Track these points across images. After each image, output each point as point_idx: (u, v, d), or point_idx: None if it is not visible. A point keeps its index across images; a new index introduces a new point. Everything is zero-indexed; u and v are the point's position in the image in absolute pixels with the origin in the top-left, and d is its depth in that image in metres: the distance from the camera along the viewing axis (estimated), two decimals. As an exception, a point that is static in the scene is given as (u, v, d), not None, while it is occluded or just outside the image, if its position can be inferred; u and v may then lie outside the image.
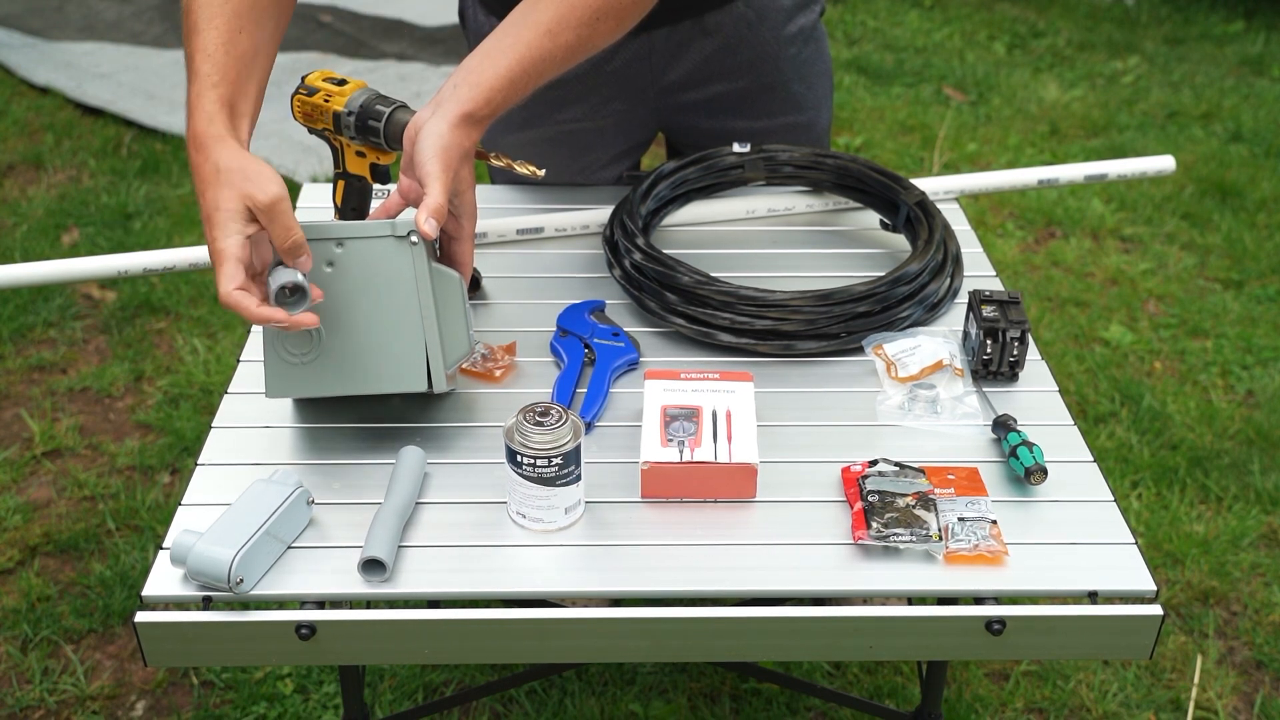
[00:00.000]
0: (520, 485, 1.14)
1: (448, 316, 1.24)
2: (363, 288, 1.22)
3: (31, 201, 3.25)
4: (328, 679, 1.97)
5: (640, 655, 1.12)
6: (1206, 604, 2.13)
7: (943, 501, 1.18)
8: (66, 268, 1.54)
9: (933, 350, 1.37)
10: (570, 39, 1.26)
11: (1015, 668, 2.01)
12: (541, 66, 1.25)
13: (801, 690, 1.89)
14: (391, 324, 1.22)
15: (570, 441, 1.12)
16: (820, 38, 1.68)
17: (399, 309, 1.22)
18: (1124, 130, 3.78)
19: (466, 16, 1.68)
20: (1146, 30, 4.57)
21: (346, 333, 1.23)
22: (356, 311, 1.22)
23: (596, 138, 1.68)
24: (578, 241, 1.61)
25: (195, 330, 2.74)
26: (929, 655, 1.20)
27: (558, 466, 1.12)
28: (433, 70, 3.95)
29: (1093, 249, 3.15)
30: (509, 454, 1.13)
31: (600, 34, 1.29)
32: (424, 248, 1.21)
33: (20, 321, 2.75)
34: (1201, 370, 2.70)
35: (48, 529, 2.22)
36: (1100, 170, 1.74)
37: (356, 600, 1.12)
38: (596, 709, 1.92)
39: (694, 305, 1.39)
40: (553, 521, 1.15)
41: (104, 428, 2.48)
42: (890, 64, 4.22)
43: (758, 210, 1.66)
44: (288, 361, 1.25)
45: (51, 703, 1.94)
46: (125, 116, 3.65)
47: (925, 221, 1.51)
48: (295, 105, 1.38)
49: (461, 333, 1.25)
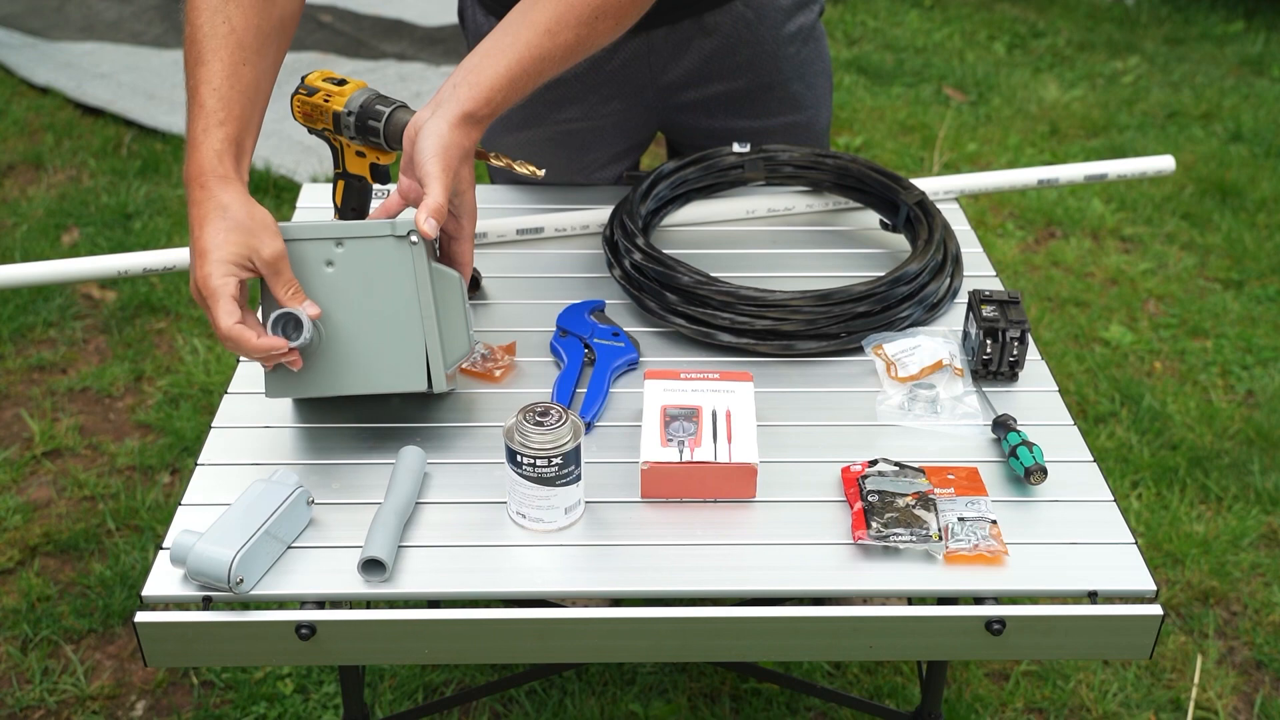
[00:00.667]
0: (520, 485, 1.14)
1: (447, 316, 1.24)
2: (362, 287, 1.22)
3: (31, 201, 3.25)
4: (328, 679, 1.97)
5: (640, 655, 1.12)
6: (1206, 604, 2.13)
7: (943, 501, 1.18)
8: (66, 268, 1.54)
9: (933, 350, 1.37)
10: (569, 38, 1.26)
11: (1015, 668, 2.01)
12: (541, 66, 1.25)
13: (801, 690, 1.89)
14: (391, 323, 1.22)
15: (570, 441, 1.12)
16: (819, 37, 1.68)
17: (398, 309, 1.22)
18: (1124, 130, 3.78)
19: (466, 16, 1.68)
20: (1146, 30, 4.57)
21: (346, 332, 1.23)
22: (356, 311, 1.22)
23: (596, 137, 1.68)
24: (578, 241, 1.61)
25: (195, 330, 2.74)
26: (929, 655, 1.20)
27: (558, 466, 1.12)
28: (433, 70, 3.95)
29: (1093, 249, 3.15)
30: (509, 454, 1.13)
31: (599, 33, 1.29)
32: (424, 247, 1.21)
33: (20, 321, 2.75)
34: (1201, 370, 2.70)
35: (48, 529, 2.22)
36: (1100, 170, 1.74)
37: (356, 600, 1.12)
38: (596, 709, 1.92)
39: (694, 305, 1.39)
40: (553, 521, 1.15)
41: (104, 428, 2.48)
42: (890, 64, 4.22)
43: (758, 210, 1.66)
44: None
45: (51, 703, 1.94)
46: (125, 116, 3.65)
47: (925, 221, 1.51)
48: (295, 105, 1.37)
49: (461, 333, 1.25)
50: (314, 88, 1.36)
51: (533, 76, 1.25)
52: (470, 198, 1.25)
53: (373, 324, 1.22)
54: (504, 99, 1.24)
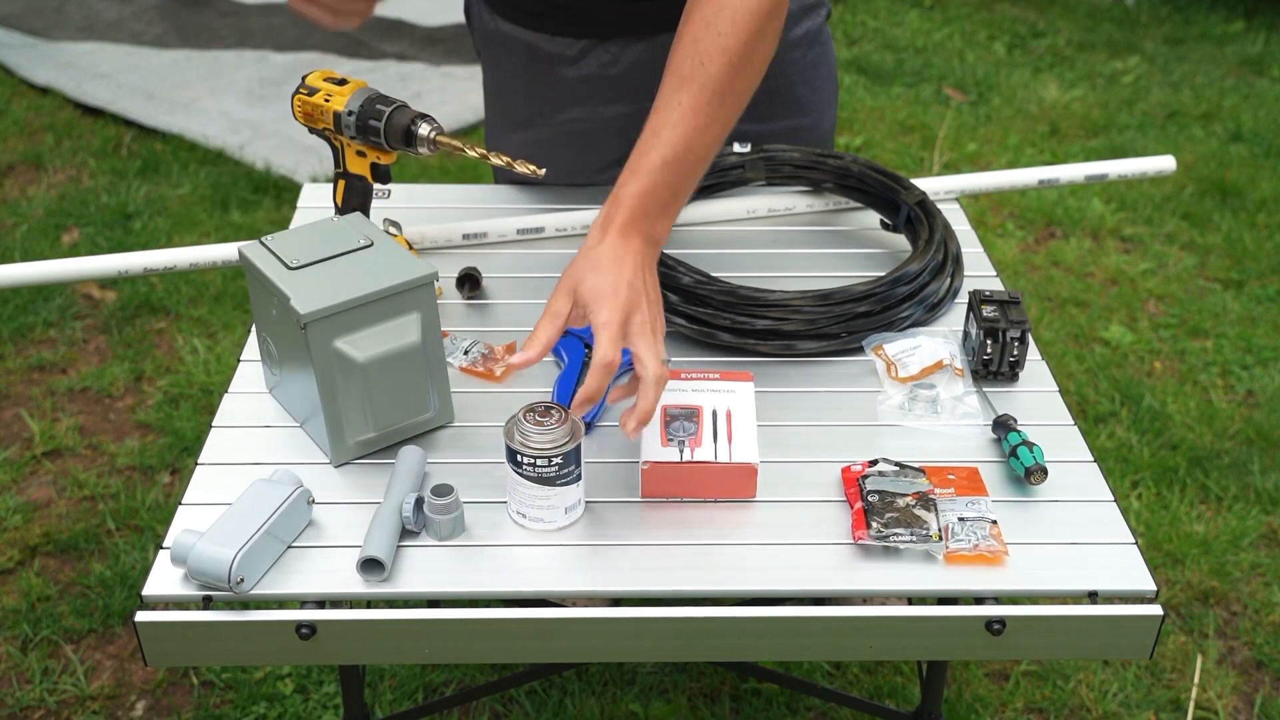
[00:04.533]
0: (520, 485, 1.14)
1: (349, 399, 1.19)
2: (293, 342, 1.20)
3: (31, 201, 3.25)
4: (328, 679, 1.97)
5: (640, 655, 1.12)
6: (1206, 604, 2.13)
7: (943, 501, 1.18)
8: (66, 268, 1.54)
9: (933, 350, 1.37)
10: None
11: (1015, 668, 2.01)
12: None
13: (801, 690, 1.89)
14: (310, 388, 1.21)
15: (570, 441, 1.12)
16: (825, 41, 1.68)
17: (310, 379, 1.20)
18: (1124, 130, 3.78)
19: (472, 14, 1.68)
20: (1146, 30, 4.57)
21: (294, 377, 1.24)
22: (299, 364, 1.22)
23: (598, 138, 1.68)
24: (578, 241, 1.60)
25: (195, 330, 2.74)
26: (929, 655, 1.21)
27: (558, 466, 1.12)
28: (433, 70, 3.95)
29: (1093, 249, 3.15)
30: (509, 454, 1.13)
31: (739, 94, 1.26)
32: (322, 333, 1.16)
33: (20, 321, 2.75)
34: (1201, 370, 2.70)
35: (48, 529, 2.22)
36: (1100, 170, 1.74)
37: (356, 600, 1.12)
38: (596, 709, 1.92)
39: (694, 305, 1.39)
40: (553, 521, 1.15)
41: (104, 428, 2.48)
42: (890, 64, 4.22)
43: (758, 210, 1.66)
44: (272, 373, 1.30)
45: (51, 703, 1.94)
46: (125, 116, 3.65)
47: (925, 221, 1.51)
48: (295, 105, 1.37)
49: (375, 416, 1.21)
50: (314, 88, 1.36)
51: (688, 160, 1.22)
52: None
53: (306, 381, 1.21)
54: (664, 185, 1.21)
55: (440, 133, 1.30)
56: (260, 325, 1.28)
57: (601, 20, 1.56)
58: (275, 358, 1.27)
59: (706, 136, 1.22)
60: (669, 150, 1.19)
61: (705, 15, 1.22)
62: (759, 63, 1.25)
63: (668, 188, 1.20)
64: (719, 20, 1.22)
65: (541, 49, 1.60)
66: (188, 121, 3.60)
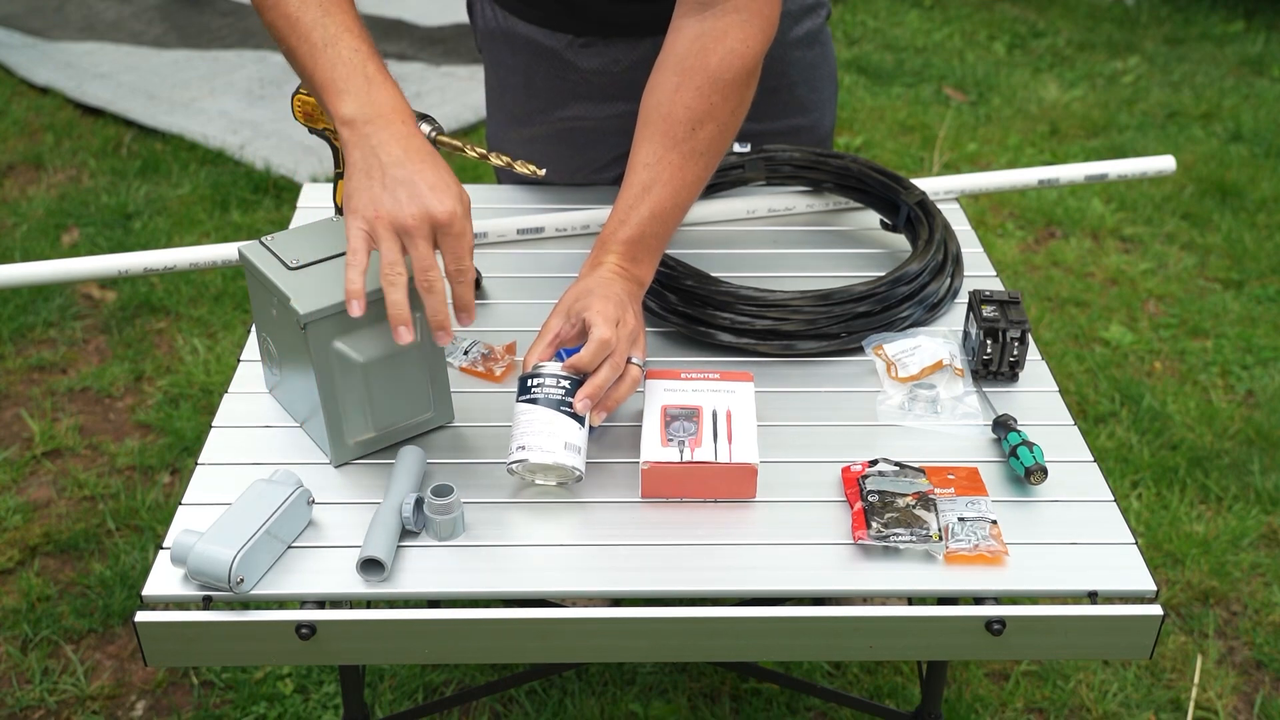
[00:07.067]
0: (525, 413, 1.17)
1: (349, 399, 1.20)
2: (293, 341, 1.20)
3: (31, 201, 3.25)
4: (328, 679, 1.97)
5: (640, 655, 1.12)
6: (1206, 604, 2.13)
7: (943, 501, 1.18)
8: (66, 268, 1.54)
9: (933, 350, 1.37)
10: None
11: (1015, 668, 2.01)
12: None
13: (801, 690, 1.89)
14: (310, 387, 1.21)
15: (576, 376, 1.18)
16: (826, 41, 1.68)
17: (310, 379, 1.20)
18: (1124, 130, 3.78)
19: (474, 11, 1.68)
20: (1146, 30, 4.57)
21: (295, 377, 1.24)
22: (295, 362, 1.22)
23: (598, 137, 1.68)
24: (578, 241, 1.61)
25: (195, 330, 2.74)
26: (929, 655, 1.21)
27: (564, 390, 1.16)
28: (433, 70, 3.95)
29: (1093, 249, 3.15)
30: (520, 386, 1.18)
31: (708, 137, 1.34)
32: (324, 332, 1.16)
33: (20, 321, 2.75)
34: (1201, 370, 2.70)
35: (48, 529, 2.22)
36: (1100, 170, 1.74)
37: (356, 600, 1.12)
38: (596, 709, 1.92)
39: (694, 305, 1.39)
40: (551, 452, 1.15)
41: (104, 428, 2.48)
42: (890, 64, 4.22)
43: (758, 210, 1.66)
44: (272, 373, 1.30)
45: (51, 703, 1.94)
46: (125, 116, 3.65)
47: (925, 221, 1.51)
48: (295, 105, 1.37)
49: (375, 414, 1.22)
50: (314, 88, 1.35)
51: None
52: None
53: (306, 379, 1.21)
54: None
55: (440, 132, 1.30)
56: (260, 325, 1.28)
57: (604, 17, 1.56)
58: (275, 358, 1.27)
59: (692, 191, 1.33)
60: (658, 205, 1.29)
61: (697, 81, 1.32)
62: (739, 120, 1.37)
63: (655, 237, 1.30)
64: (713, 89, 1.32)
65: (544, 45, 1.60)
66: (188, 121, 3.60)
